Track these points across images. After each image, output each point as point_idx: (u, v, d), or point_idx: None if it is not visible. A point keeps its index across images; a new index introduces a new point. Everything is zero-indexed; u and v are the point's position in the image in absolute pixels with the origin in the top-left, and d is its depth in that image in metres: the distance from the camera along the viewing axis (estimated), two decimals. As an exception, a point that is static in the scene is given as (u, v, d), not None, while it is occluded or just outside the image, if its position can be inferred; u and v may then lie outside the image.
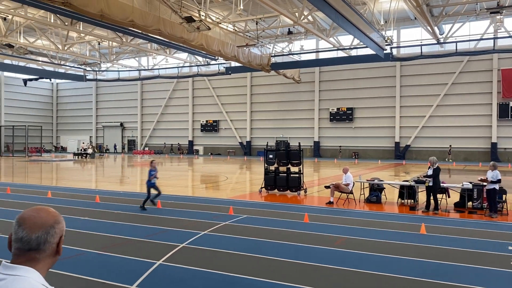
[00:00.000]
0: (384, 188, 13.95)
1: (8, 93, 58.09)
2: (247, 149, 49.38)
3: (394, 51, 34.51)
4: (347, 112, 43.99)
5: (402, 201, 13.23)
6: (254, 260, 6.93)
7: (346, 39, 35.44)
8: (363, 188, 13.88)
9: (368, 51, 30.58)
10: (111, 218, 10.28)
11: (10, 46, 32.08)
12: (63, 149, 62.07)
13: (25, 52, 35.68)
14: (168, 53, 41.29)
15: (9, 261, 1.56)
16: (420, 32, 36.75)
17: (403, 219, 10.72)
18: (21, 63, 43.40)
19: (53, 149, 63.63)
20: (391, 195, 14.47)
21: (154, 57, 48.68)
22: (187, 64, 46.10)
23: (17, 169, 27.91)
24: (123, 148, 58.74)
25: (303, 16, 25.48)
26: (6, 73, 56.35)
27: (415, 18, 33.19)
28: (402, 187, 13.31)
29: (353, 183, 13.45)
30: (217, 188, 17.57)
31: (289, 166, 15.20)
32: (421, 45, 33.75)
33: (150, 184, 11.96)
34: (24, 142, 48.84)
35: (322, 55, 40.45)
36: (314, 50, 40.94)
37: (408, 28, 39.40)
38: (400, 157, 41.07)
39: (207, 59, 41.25)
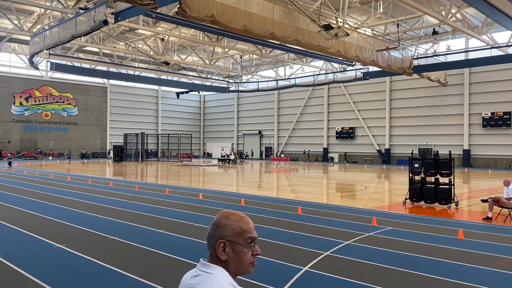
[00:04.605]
0: (558, 204, 11.92)
1: (164, 105, 65.74)
2: (385, 157, 47.26)
3: None
4: (504, 117, 38.97)
5: None
6: (403, 275, 6.52)
7: (503, 36, 31.63)
8: (530, 203, 12.06)
9: (531, 47, 26.75)
10: (256, 222, 10.74)
11: (166, 63, 36.30)
12: (209, 155, 67.53)
13: (179, 68, 39.96)
14: (304, 61, 42.05)
15: (206, 259, 1.70)
16: None
17: None
18: (175, 78, 48.68)
19: (201, 155, 69.70)
20: None
21: (291, 66, 50.08)
22: (323, 72, 46.24)
23: (171, 172, 31.23)
24: (261, 155, 61.38)
25: (450, 14, 23.52)
26: (162, 88, 63.82)
27: None
28: None
29: (517, 197, 11.79)
30: (356, 197, 17.13)
31: (438, 176, 14.03)
32: None
33: None
34: (176, 148, 54.57)
35: (473, 55, 36.64)
36: (463, 50, 37.36)
37: None
38: None
39: (343, 65, 40.83)
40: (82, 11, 21.20)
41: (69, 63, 40.57)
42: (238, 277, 1.71)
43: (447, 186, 13.75)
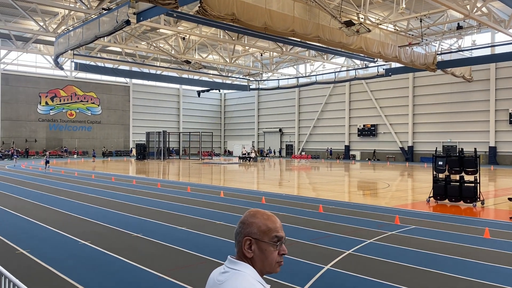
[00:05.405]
0: None
1: (185, 103, 66.30)
2: (408, 155, 46.51)
3: None
4: (532, 113, 37.84)
5: None
6: (427, 274, 6.42)
7: (531, 29, 30.60)
8: (560, 202, 11.72)
9: (562, 40, 25.84)
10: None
11: (187, 62, 36.54)
12: (230, 153, 67.78)
13: (200, 67, 40.17)
14: (325, 59, 41.70)
15: (234, 256, 1.72)
16: None
17: None
18: (196, 77, 49.04)
19: (222, 153, 70.05)
20: None
21: (312, 63, 49.78)
22: (344, 69, 45.79)
23: (192, 170, 31.49)
24: (280, 152, 61.20)
25: (475, 8, 22.93)
26: (184, 86, 64.35)
27: None
28: None
29: (546, 196, 11.44)
30: (378, 195, 16.93)
31: (462, 174, 13.73)
32: None
33: None
34: (198, 146, 55.00)
35: (499, 50, 35.65)
36: (489, 45, 36.40)
37: None
38: None
39: (365, 62, 40.36)
40: (105, 12, 21.56)
41: (92, 63, 41.32)
42: (269, 278, 1.71)
43: (473, 184, 13.45)
